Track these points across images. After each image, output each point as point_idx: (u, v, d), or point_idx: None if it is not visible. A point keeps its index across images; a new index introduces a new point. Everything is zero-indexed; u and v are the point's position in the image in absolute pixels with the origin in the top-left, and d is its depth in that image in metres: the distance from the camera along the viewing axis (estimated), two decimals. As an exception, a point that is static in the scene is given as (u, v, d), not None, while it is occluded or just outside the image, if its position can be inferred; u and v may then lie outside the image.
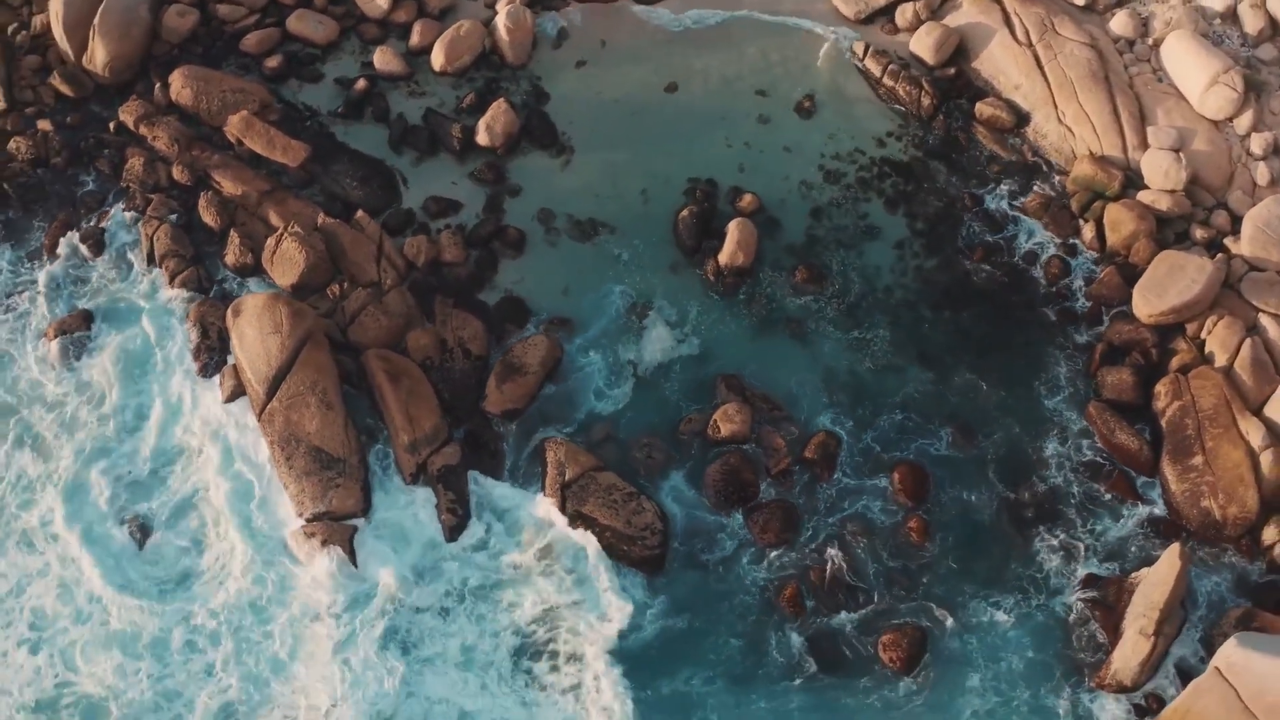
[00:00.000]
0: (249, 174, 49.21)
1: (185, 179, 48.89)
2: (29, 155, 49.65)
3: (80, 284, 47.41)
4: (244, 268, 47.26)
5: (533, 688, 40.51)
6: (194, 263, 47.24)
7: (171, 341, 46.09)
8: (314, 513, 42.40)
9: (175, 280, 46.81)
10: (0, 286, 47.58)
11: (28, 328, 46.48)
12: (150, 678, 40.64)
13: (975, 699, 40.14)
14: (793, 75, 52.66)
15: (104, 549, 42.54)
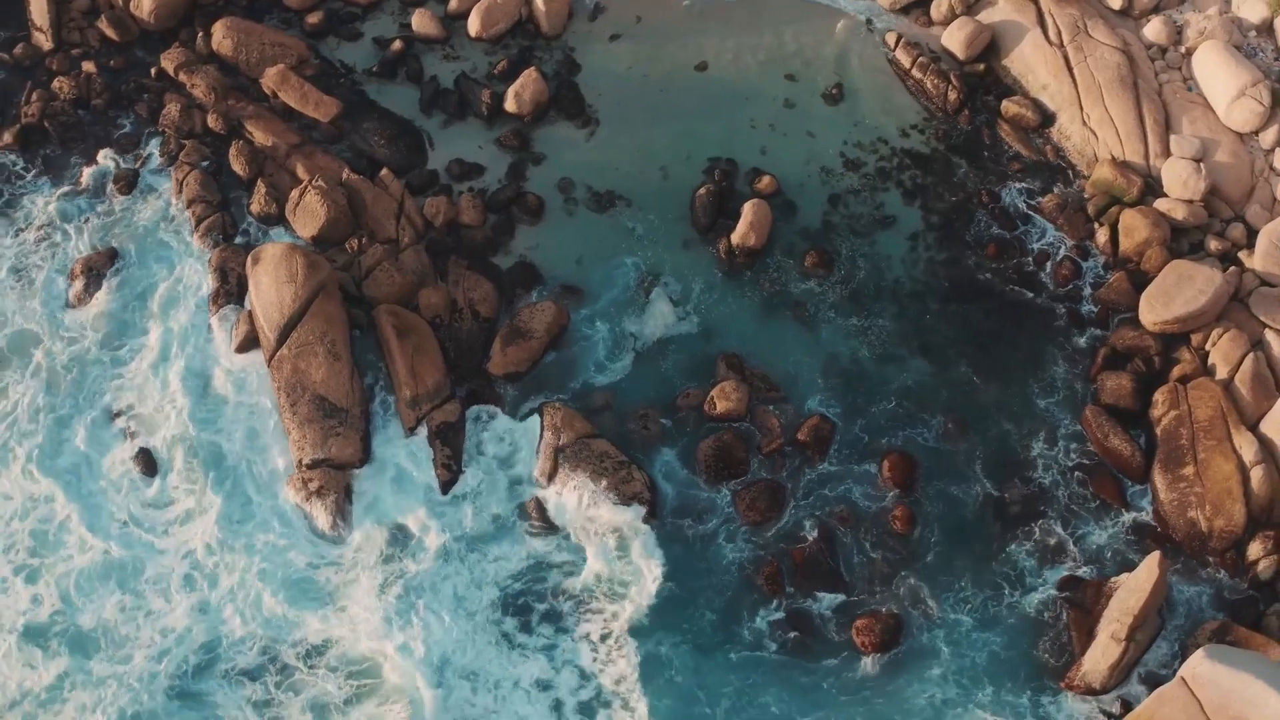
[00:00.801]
0: (281, 126, 49.85)
1: (219, 127, 49.63)
2: (71, 95, 50.58)
3: (109, 222, 48.18)
4: (268, 217, 47.93)
5: (515, 638, 41.05)
6: (220, 209, 48.01)
7: (191, 284, 46.74)
8: (313, 459, 43.05)
9: (200, 225, 47.53)
10: (34, 218, 48.44)
11: (55, 260, 47.41)
12: (142, 612, 41.53)
13: (935, 688, 40.14)
14: (823, 61, 52.30)
15: (108, 482, 43.44)
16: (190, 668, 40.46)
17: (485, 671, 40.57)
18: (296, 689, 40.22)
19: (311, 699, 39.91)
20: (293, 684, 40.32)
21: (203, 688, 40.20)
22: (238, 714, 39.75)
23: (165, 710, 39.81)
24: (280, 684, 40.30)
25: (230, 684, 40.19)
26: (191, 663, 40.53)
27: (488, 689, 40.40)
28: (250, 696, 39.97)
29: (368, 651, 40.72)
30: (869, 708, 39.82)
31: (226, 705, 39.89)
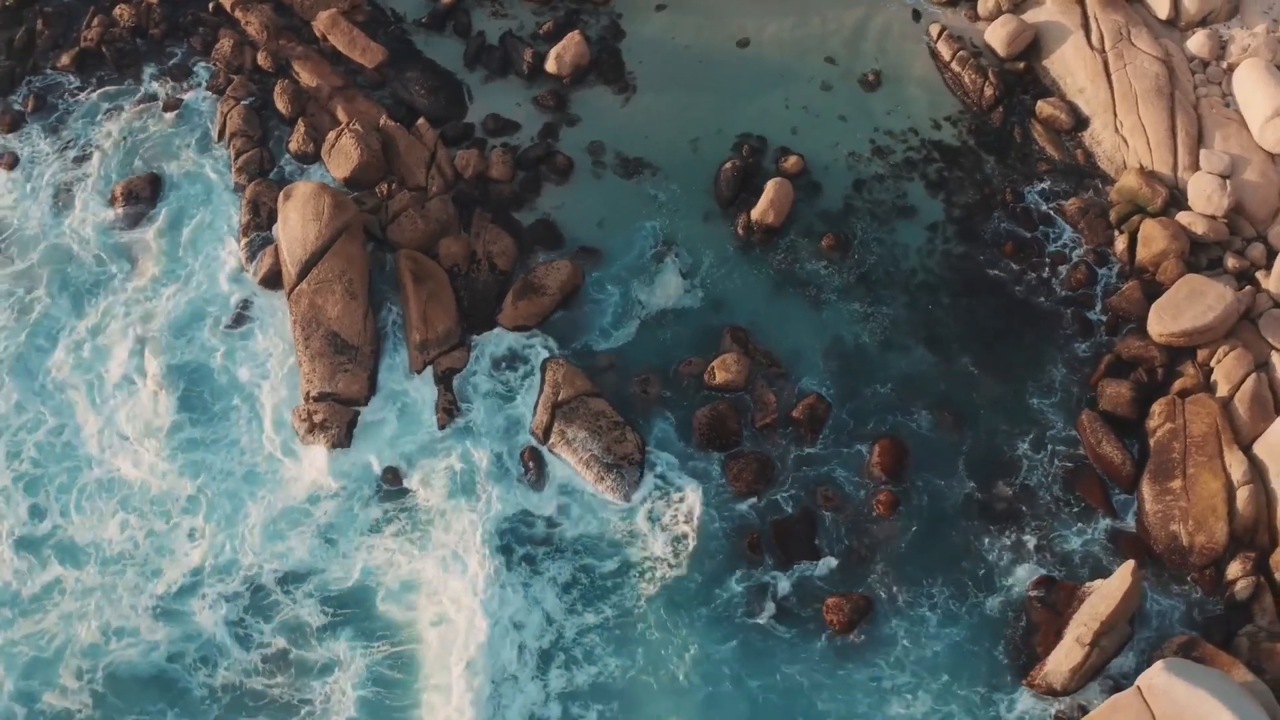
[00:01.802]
0: (327, 69, 50.47)
1: (268, 65, 50.39)
2: (130, 23, 51.70)
3: (153, 148, 49.27)
4: (304, 156, 48.66)
5: (499, 579, 41.58)
6: (260, 145, 48.87)
7: (224, 215, 47.77)
8: (320, 392, 43.81)
9: (239, 158, 48.48)
10: (80, 138, 49.58)
11: (96, 181, 48.57)
12: (141, 531, 42.63)
13: (889, 671, 40.01)
14: (865, 47, 51.83)
15: (124, 401, 44.51)
16: (176, 588, 41.41)
17: (464, 613, 40.72)
18: (272, 614, 41.08)
19: (285, 623, 40.72)
20: (270, 609, 41.15)
21: (185, 608, 41.25)
22: (215, 634, 40.56)
23: (147, 627, 40.82)
24: (259, 608, 41.10)
25: (211, 606, 41.11)
26: (178, 584, 41.45)
27: (471, 626, 40.84)
28: (228, 617, 40.84)
29: (350, 583, 41.38)
30: (815, 681, 39.81)
31: (205, 625, 40.79)
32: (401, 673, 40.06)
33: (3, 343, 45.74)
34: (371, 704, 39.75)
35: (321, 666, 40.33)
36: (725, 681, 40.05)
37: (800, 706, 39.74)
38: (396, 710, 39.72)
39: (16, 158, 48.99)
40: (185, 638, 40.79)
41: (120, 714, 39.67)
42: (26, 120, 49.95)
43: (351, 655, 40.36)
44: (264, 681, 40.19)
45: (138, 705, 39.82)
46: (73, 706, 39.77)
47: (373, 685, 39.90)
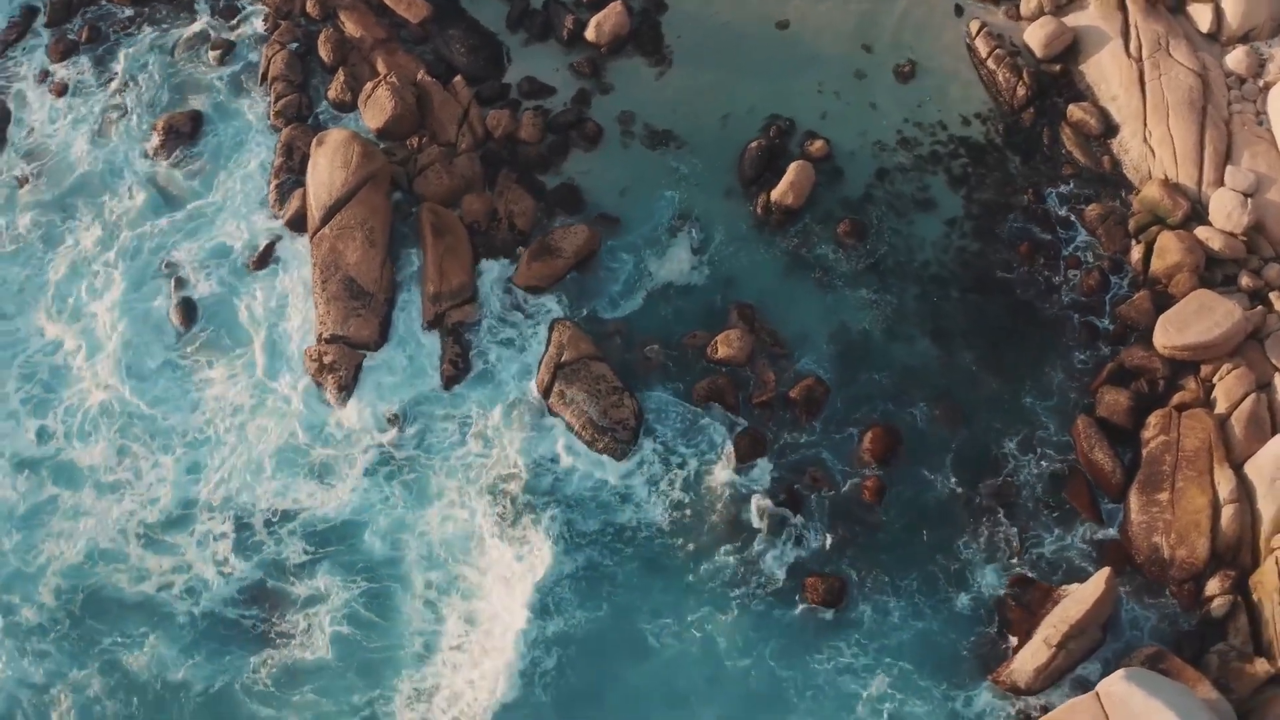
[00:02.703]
0: (371, 20, 50.93)
1: (316, 13, 51.00)
2: (186, -41, 52.93)
3: (198, 85, 50.25)
4: (342, 104, 49.26)
5: (488, 531, 42.29)
6: (299, 90, 49.54)
7: (259, 156, 48.54)
8: (332, 334, 44.59)
9: (279, 101, 49.21)
10: (128, 70, 50.55)
11: (139, 113, 49.56)
12: (141, 460, 43.70)
13: (850, 650, 40.12)
14: (903, 38, 51.15)
15: (141, 330, 45.57)
16: (169, 519, 42.56)
17: (453, 557, 41.83)
18: (261, 548, 42.05)
19: (272, 558, 41.75)
20: (261, 544, 42.14)
21: (172, 540, 42.32)
22: (203, 567, 41.67)
23: (133, 553, 42.03)
24: (249, 542, 42.14)
25: (201, 539, 42.17)
26: (172, 514, 42.61)
27: (454, 572, 41.73)
28: (216, 550, 41.86)
29: (341, 522, 42.25)
30: (780, 650, 40.17)
31: (193, 558, 41.86)
32: (380, 612, 40.85)
33: (29, 268, 46.91)
34: (346, 641, 40.56)
35: (305, 599, 41.20)
36: (693, 644, 40.46)
37: (762, 672, 40.13)
38: (377, 647, 40.54)
39: (65, 86, 50.12)
40: (174, 569, 41.81)
41: (100, 635, 40.81)
42: (79, 50, 50.99)
43: (333, 590, 41.18)
44: (245, 613, 41.20)
45: (119, 628, 41.05)
46: (47, 623, 40.91)
47: (349, 623, 40.67)
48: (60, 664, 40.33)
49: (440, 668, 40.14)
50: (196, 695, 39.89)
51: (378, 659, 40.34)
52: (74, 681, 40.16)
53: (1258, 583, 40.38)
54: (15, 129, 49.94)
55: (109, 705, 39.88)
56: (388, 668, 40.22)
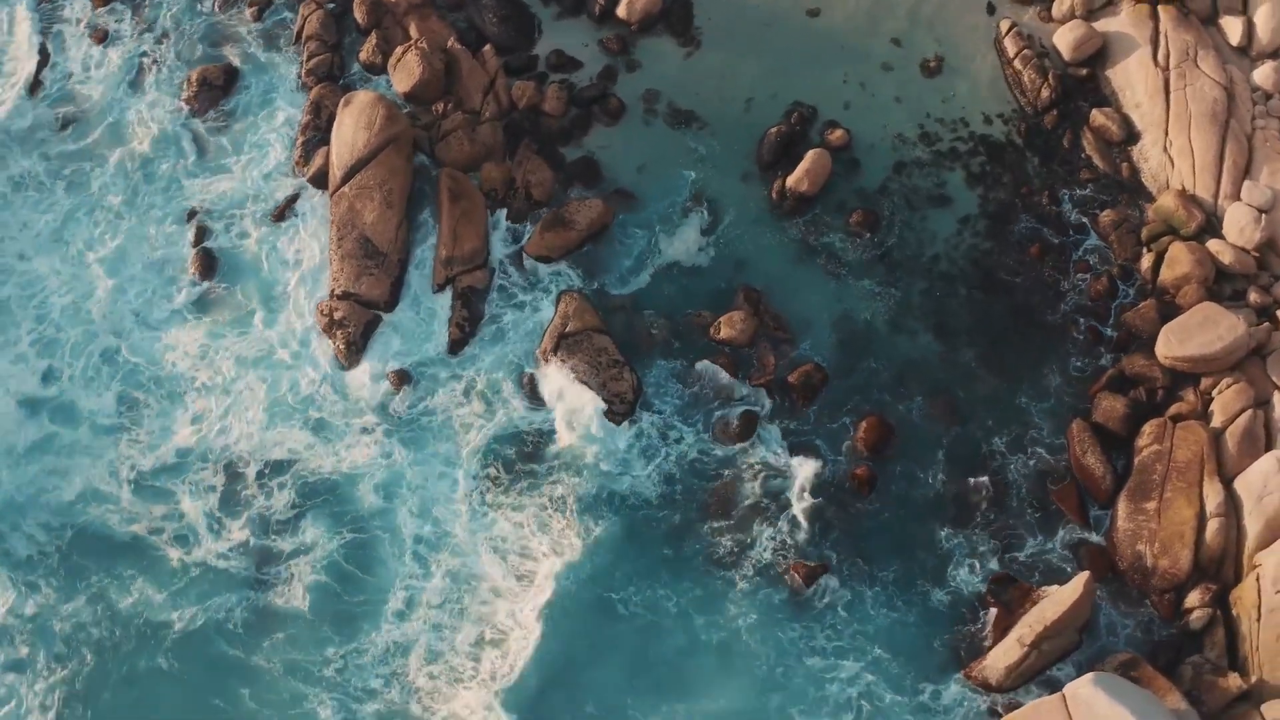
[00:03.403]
0: (408, -16, 51.48)
1: (353, -26, 51.56)
2: (230, -86, 53.40)
3: (234, 39, 50.76)
4: (372, 66, 49.62)
5: (482, 496, 42.68)
6: (332, 50, 49.84)
7: (288, 113, 49.00)
8: (344, 291, 45.04)
9: (311, 60, 49.56)
10: (164, 22, 51.02)
11: (172, 64, 50.13)
12: (142, 406, 44.39)
13: (821, 632, 40.25)
14: (933, 33, 50.60)
15: (159, 276, 46.23)
16: (160, 466, 43.28)
17: (446, 515, 42.26)
18: (254, 498, 42.76)
19: (265, 507, 42.42)
20: (255, 493, 42.83)
21: (165, 485, 43.01)
22: (190, 512, 42.39)
23: (125, 496, 42.83)
24: (243, 492, 42.84)
25: (194, 487, 42.88)
26: (166, 462, 43.32)
27: (447, 533, 42.16)
28: (206, 503, 42.55)
29: (338, 476, 42.82)
30: (752, 627, 40.39)
31: (182, 505, 42.56)
32: (365, 565, 41.49)
33: (51, 212, 47.65)
34: (326, 590, 41.22)
35: (294, 549, 41.88)
36: (667, 614, 40.85)
37: (735, 646, 40.46)
38: (358, 600, 41.17)
39: (107, 32, 50.83)
40: (165, 516, 42.59)
41: (87, 572, 41.69)
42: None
43: (319, 542, 41.85)
44: (232, 561, 41.85)
45: (105, 567, 41.88)
46: (36, 556, 41.86)
47: (330, 573, 41.36)
48: (50, 597, 41.21)
49: (420, 624, 40.56)
50: (175, 635, 40.63)
51: (358, 611, 40.87)
52: (63, 614, 41.02)
53: (1238, 598, 39.99)
54: (50, 72, 50.63)
55: (94, 633, 40.67)
56: (366, 620, 40.76)
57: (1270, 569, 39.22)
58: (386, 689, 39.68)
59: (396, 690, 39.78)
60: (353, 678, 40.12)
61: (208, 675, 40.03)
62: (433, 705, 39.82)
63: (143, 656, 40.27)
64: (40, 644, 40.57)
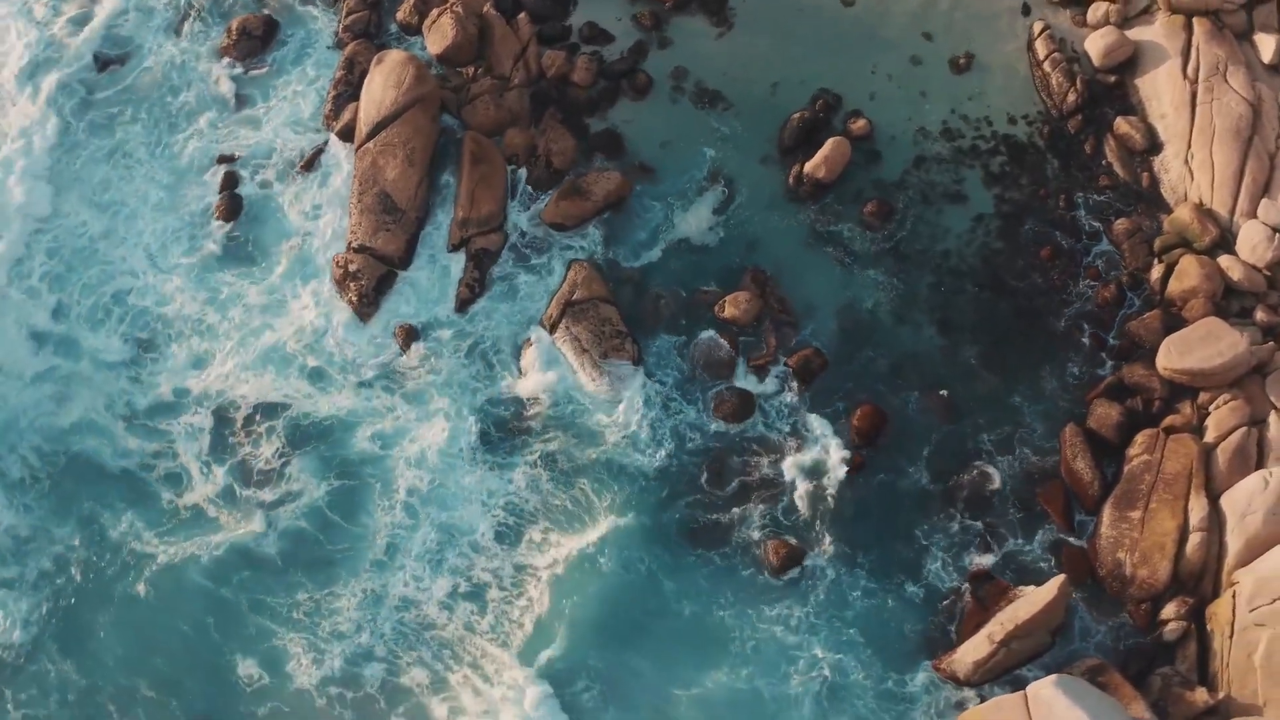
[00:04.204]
0: (451, -53, 51.53)
1: (397, -66, 51.77)
2: None
3: (273, -8, 52.06)
4: (408, 27, 49.81)
5: (478, 454, 43.08)
6: (371, 8, 50.07)
7: (323, 68, 49.31)
8: (360, 244, 45.43)
9: (349, 17, 49.83)
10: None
11: (213, 13, 50.63)
12: (147, 348, 44.97)
13: (807, 613, 40.31)
14: (965, 30, 49.91)
15: (183, 218, 46.84)
16: (157, 404, 43.95)
17: (438, 472, 42.61)
18: (247, 441, 43.37)
19: (259, 452, 43.07)
20: (248, 437, 43.45)
21: (160, 424, 43.69)
22: (182, 452, 43.08)
23: (119, 430, 43.53)
24: (237, 435, 43.46)
25: (185, 430, 43.47)
26: (163, 401, 44.00)
27: (438, 486, 42.59)
28: (198, 447, 43.18)
29: (335, 423, 43.37)
30: (727, 601, 40.59)
31: (175, 445, 43.26)
32: (349, 511, 42.11)
33: (77, 153, 48.18)
34: (307, 534, 41.96)
35: (282, 495, 42.58)
36: (640, 577, 41.13)
37: (707, 616, 40.58)
38: (340, 547, 41.85)
39: (149, -26, 51.55)
40: (157, 454, 43.25)
41: (78, 499, 42.60)
42: (162, -59, 52.49)
43: (308, 487, 42.50)
44: (221, 502, 42.55)
45: (97, 496, 42.71)
46: (29, 480, 42.80)
47: (314, 519, 42.07)
48: (42, 519, 42.17)
49: (398, 574, 41.11)
50: (156, 566, 41.44)
51: (338, 556, 41.54)
52: (55, 537, 42.02)
53: (1213, 613, 39.47)
54: (91, 10, 51.11)
55: (80, 558, 41.64)
56: (343, 568, 41.40)
57: (1247, 587, 38.77)
58: (357, 633, 40.22)
59: (366, 635, 40.30)
60: (323, 620, 40.73)
61: (181, 606, 40.84)
62: (399, 652, 40.35)
63: (122, 583, 41.09)
64: (30, 564, 41.46)
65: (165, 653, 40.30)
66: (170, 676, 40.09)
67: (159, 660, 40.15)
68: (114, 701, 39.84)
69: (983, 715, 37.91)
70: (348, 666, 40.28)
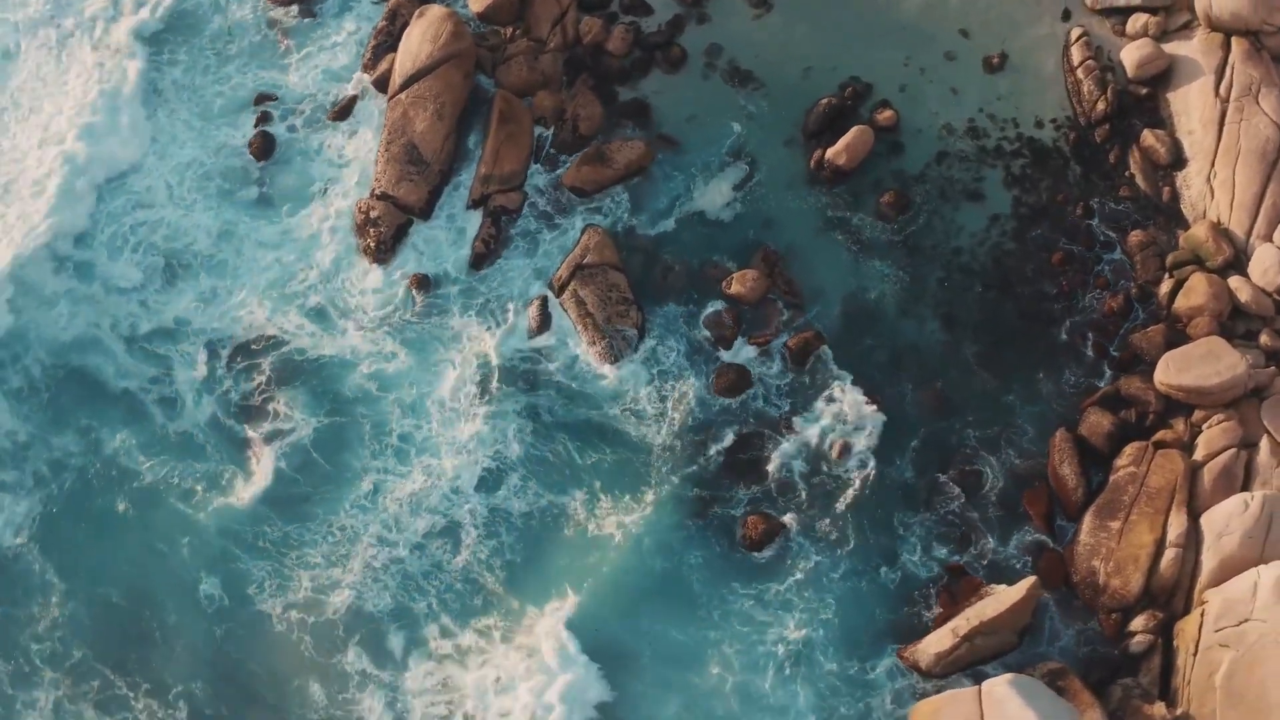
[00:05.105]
0: (501, -94, 51.56)
1: (450, -110, 51.78)
2: None
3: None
4: (454, -18, 50.28)
5: (473, 405, 43.48)
6: (417, -35, 50.58)
7: (367, 17, 49.82)
8: (383, 191, 45.84)
9: (395, -29, 50.58)
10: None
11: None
12: (154, 273, 45.72)
13: (781, 588, 40.40)
14: (1003, 30, 49.15)
15: (215, 153, 47.56)
16: (158, 329, 44.78)
17: (433, 419, 43.11)
18: (245, 373, 44.11)
19: (254, 385, 43.82)
20: (246, 369, 44.19)
21: (160, 349, 44.48)
22: (178, 380, 43.92)
23: (119, 352, 44.36)
24: (226, 368, 44.20)
25: (182, 359, 44.25)
26: (164, 327, 44.81)
27: (429, 433, 43.14)
28: (195, 378, 43.95)
29: (330, 362, 44.01)
30: (697, 564, 40.81)
31: (172, 371, 44.06)
32: (336, 449, 42.76)
33: (115, 86, 48.82)
34: (291, 470, 42.65)
35: (270, 432, 43.32)
36: (617, 535, 41.34)
37: (679, 580, 40.82)
38: (323, 485, 42.52)
39: (188, -85, 52.06)
40: (154, 379, 44.08)
41: (76, 413, 43.56)
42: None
43: (300, 423, 43.19)
44: (211, 430, 43.31)
45: (95, 413, 43.61)
46: (28, 390, 43.84)
47: (300, 456, 42.81)
48: (41, 428, 43.28)
49: (379, 514, 41.71)
50: (140, 484, 42.47)
51: (318, 495, 42.24)
52: (52, 445, 43.16)
53: (1181, 630, 38.98)
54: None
55: (71, 469, 42.70)
56: (323, 506, 42.07)
57: (1215, 607, 38.25)
58: (328, 567, 40.99)
59: (338, 569, 41.06)
60: (291, 551, 41.56)
61: (158, 524, 41.96)
62: (366, 583, 41.05)
63: (106, 496, 42.21)
64: (26, 469, 42.64)
65: (138, 566, 41.38)
66: (141, 589, 41.15)
67: (132, 572, 41.25)
68: (87, 606, 41.02)
69: (937, 706, 37.92)
70: (313, 595, 41.07)
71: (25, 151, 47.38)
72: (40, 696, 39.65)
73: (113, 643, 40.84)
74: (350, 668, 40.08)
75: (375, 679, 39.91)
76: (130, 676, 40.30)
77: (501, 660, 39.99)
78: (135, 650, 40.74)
